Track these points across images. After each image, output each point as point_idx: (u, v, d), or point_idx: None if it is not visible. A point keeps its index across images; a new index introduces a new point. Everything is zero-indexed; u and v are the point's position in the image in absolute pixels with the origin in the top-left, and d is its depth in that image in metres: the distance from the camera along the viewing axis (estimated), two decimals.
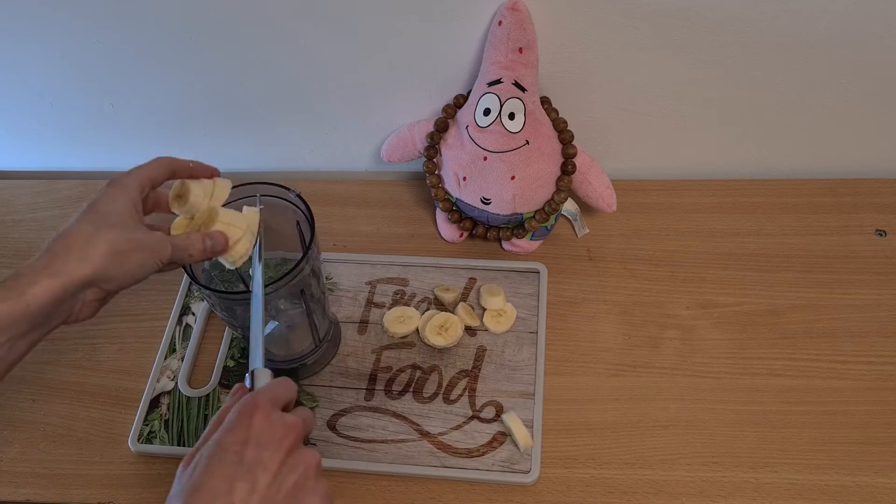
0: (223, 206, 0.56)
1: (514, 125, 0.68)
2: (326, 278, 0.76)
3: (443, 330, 0.69)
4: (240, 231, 0.54)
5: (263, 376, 0.49)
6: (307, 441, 0.55)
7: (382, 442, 0.65)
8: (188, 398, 0.69)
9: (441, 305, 0.73)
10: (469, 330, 0.71)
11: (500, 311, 0.71)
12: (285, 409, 0.47)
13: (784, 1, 0.65)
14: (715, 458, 0.63)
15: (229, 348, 0.72)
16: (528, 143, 0.69)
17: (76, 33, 0.74)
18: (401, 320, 0.71)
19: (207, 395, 0.69)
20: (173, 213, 0.55)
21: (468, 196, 0.73)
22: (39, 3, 0.71)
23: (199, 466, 0.43)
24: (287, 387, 0.48)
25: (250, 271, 0.56)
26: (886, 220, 0.77)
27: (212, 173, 0.57)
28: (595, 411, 0.66)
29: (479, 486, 0.62)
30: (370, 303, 0.74)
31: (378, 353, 0.70)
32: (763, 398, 0.66)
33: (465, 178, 0.72)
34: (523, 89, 0.68)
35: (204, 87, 0.79)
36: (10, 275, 0.46)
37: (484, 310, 0.72)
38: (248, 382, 0.49)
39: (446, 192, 0.76)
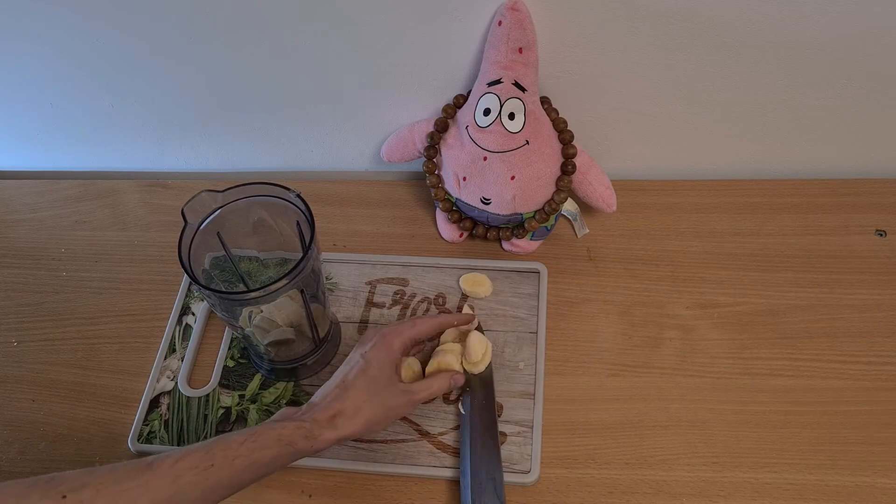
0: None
1: (514, 125, 0.68)
2: (326, 278, 0.76)
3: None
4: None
5: None
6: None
7: (382, 442, 0.65)
8: (188, 398, 0.69)
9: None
10: None
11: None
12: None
13: (784, 1, 0.65)
14: (715, 458, 0.63)
15: (229, 348, 0.72)
16: (528, 143, 0.69)
17: (76, 33, 0.74)
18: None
19: (207, 395, 0.69)
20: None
21: (468, 196, 0.73)
22: (40, 3, 0.71)
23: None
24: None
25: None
26: (886, 220, 0.77)
27: (469, 320, 0.69)
28: (595, 411, 0.66)
29: None
30: (370, 303, 0.74)
31: None
32: (763, 398, 0.66)
33: (465, 178, 0.72)
34: (523, 89, 0.68)
35: (204, 87, 0.79)
36: (303, 415, 0.57)
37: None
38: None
39: (446, 192, 0.76)
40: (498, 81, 0.68)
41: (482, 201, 0.72)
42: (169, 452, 0.49)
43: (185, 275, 0.57)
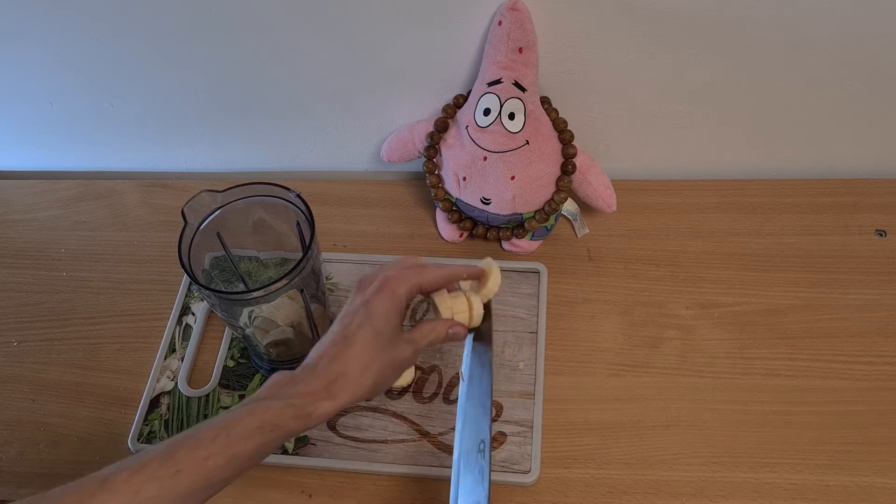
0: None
1: (514, 125, 0.68)
2: (326, 278, 0.76)
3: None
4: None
5: None
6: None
7: (382, 442, 0.65)
8: (188, 398, 0.69)
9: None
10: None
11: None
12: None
13: (784, 1, 0.65)
14: (715, 458, 0.63)
15: (229, 348, 0.72)
16: (528, 143, 0.69)
17: (76, 34, 0.74)
18: None
19: (207, 395, 0.69)
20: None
21: (468, 196, 0.73)
22: (39, 3, 0.71)
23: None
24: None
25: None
26: (886, 220, 0.77)
27: (479, 274, 0.58)
28: (595, 411, 0.66)
29: None
30: None
31: None
32: (763, 398, 0.66)
33: (465, 178, 0.72)
34: (523, 89, 0.68)
35: (204, 88, 0.79)
36: (296, 385, 0.48)
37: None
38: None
39: (446, 192, 0.76)
40: (498, 81, 0.68)
41: (482, 201, 0.72)
42: (126, 463, 0.43)
43: (185, 275, 0.57)
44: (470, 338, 0.58)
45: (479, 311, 0.57)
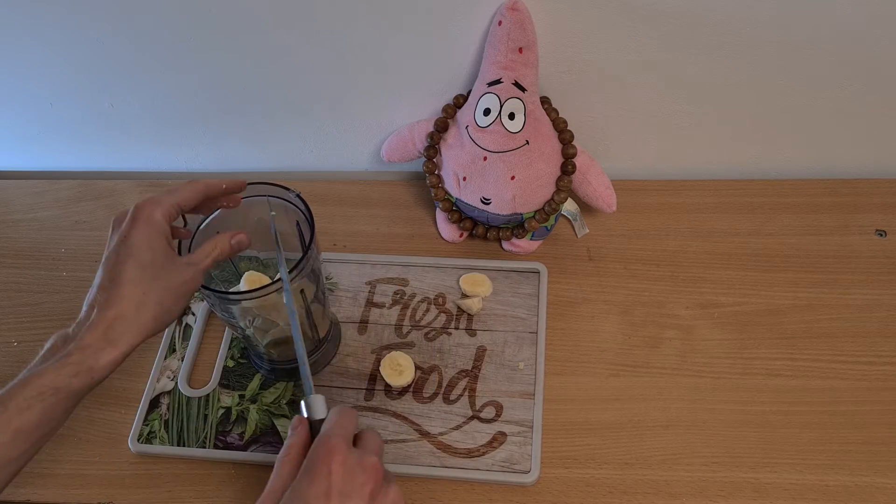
0: None
1: (514, 125, 0.68)
2: (326, 278, 0.76)
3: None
4: None
5: (319, 404, 0.48)
6: None
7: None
8: (188, 398, 0.69)
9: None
10: (469, 329, 0.71)
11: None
12: (354, 439, 0.47)
13: (784, 1, 0.65)
14: (715, 458, 0.63)
15: (229, 348, 0.72)
16: (528, 143, 0.69)
17: (76, 33, 0.74)
18: (398, 371, 0.68)
19: (207, 395, 0.69)
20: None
21: (468, 196, 0.73)
22: (40, 3, 0.71)
23: None
24: (351, 416, 0.47)
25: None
26: (886, 220, 0.77)
27: (241, 187, 0.57)
28: (595, 411, 0.66)
29: (479, 486, 0.62)
30: (370, 303, 0.74)
31: (378, 353, 0.70)
32: (763, 398, 0.66)
33: (465, 178, 0.72)
34: (523, 89, 0.68)
35: (204, 87, 0.79)
36: (69, 344, 0.47)
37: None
38: (303, 412, 0.48)
39: (446, 192, 0.76)
40: (498, 81, 0.68)
41: (482, 201, 0.72)
42: None
43: None
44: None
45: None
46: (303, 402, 0.49)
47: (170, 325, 0.52)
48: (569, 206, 0.78)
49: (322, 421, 0.48)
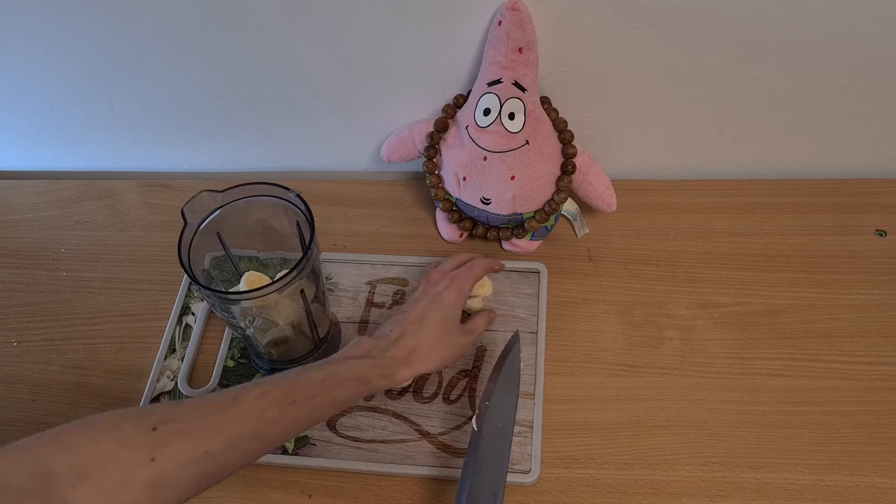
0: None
1: (514, 125, 0.68)
2: (326, 278, 0.76)
3: None
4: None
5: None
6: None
7: (382, 442, 0.65)
8: (188, 398, 0.69)
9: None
10: None
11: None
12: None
13: (784, 1, 0.65)
14: (715, 458, 0.63)
15: (229, 348, 0.72)
16: (528, 143, 0.69)
17: (76, 34, 0.74)
18: None
19: None
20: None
21: (468, 196, 0.73)
22: (40, 3, 0.71)
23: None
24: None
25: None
26: (886, 220, 0.77)
27: (501, 267, 0.71)
28: (595, 411, 0.66)
29: None
30: (370, 303, 0.74)
31: None
32: (763, 398, 0.66)
33: (465, 178, 0.72)
34: (523, 89, 0.68)
35: (204, 88, 0.79)
36: (381, 351, 0.58)
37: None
38: None
39: (446, 192, 0.76)
40: (498, 81, 0.68)
41: (482, 201, 0.72)
42: (248, 386, 0.50)
43: (185, 275, 0.57)
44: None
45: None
46: None
47: (439, 370, 0.65)
48: (569, 206, 0.78)
49: None
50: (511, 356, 0.63)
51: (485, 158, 0.70)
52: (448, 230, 0.79)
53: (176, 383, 0.70)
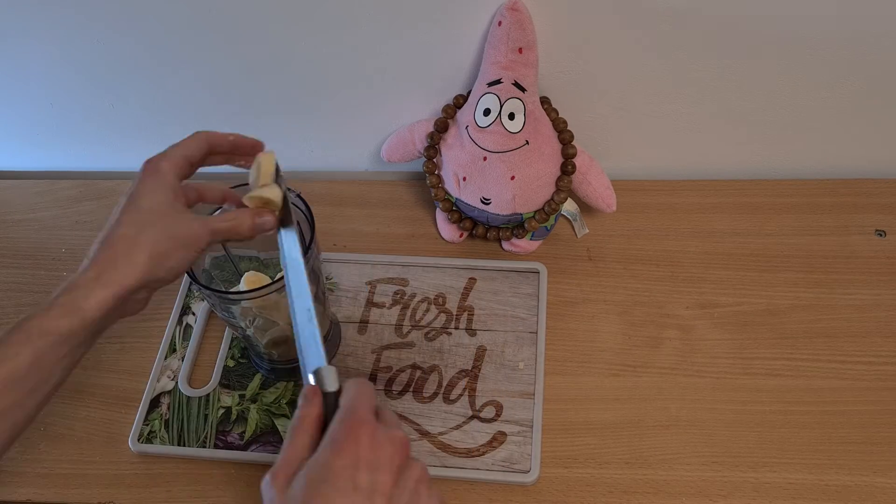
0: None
1: (514, 125, 0.68)
2: (326, 278, 0.76)
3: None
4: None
5: (332, 375, 0.46)
6: None
7: None
8: (188, 398, 0.69)
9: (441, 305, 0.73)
10: (469, 329, 0.71)
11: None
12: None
13: (785, 1, 0.65)
14: (715, 458, 0.63)
15: (229, 348, 0.72)
16: (527, 143, 0.69)
17: (77, 33, 0.74)
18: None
19: (208, 395, 0.69)
20: (217, 205, 0.58)
21: (468, 196, 0.73)
22: (40, 3, 0.71)
23: (307, 490, 0.40)
24: (371, 389, 0.45)
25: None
26: (886, 220, 0.77)
27: (254, 146, 0.56)
28: (595, 411, 0.66)
29: (479, 485, 0.63)
30: (370, 303, 0.74)
31: (378, 353, 0.70)
32: (763, 398, 0.66)
33: (464, 178, 0.72)
34: (523, 89, 0.68)
35: (204, 88, 0.79)
36: (62, 288, 0.47)
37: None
38: (314, 382, 0.46)
39: (446, 192, 0.76)
40: (498, 81, 0.68)
41: (482, 201, 0.72)
42: None
43: (185, 275, 0.57)
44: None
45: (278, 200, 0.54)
46: (311, 374, 0.46)
47: (173, 273, 0.50)
48: (569, 206, 0.78)
49: (333, 394, 0.46)
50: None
51: (485, 158, 0.70)
52: (448, 230, 0.79)
53: (176, 383, 0.70)
